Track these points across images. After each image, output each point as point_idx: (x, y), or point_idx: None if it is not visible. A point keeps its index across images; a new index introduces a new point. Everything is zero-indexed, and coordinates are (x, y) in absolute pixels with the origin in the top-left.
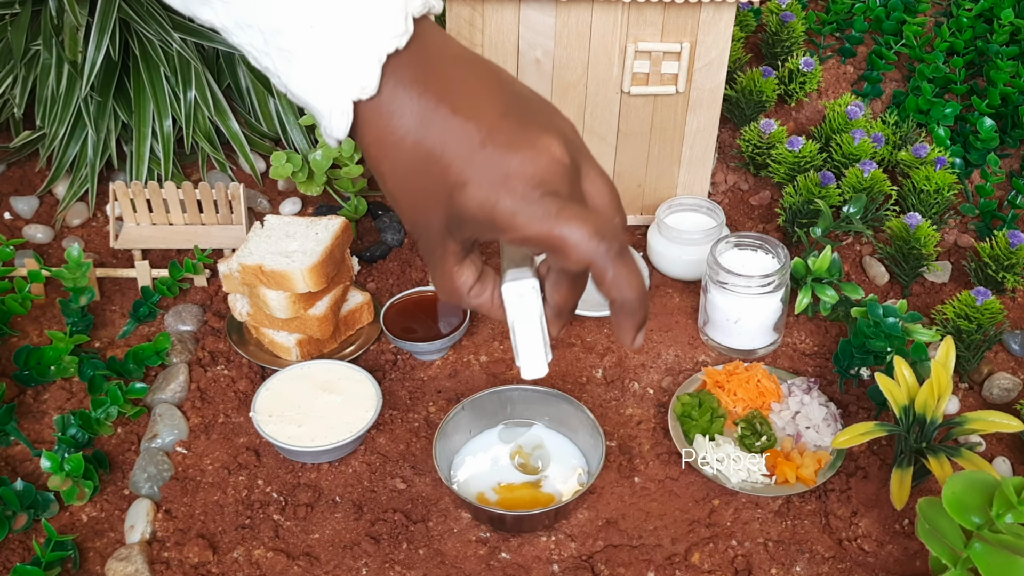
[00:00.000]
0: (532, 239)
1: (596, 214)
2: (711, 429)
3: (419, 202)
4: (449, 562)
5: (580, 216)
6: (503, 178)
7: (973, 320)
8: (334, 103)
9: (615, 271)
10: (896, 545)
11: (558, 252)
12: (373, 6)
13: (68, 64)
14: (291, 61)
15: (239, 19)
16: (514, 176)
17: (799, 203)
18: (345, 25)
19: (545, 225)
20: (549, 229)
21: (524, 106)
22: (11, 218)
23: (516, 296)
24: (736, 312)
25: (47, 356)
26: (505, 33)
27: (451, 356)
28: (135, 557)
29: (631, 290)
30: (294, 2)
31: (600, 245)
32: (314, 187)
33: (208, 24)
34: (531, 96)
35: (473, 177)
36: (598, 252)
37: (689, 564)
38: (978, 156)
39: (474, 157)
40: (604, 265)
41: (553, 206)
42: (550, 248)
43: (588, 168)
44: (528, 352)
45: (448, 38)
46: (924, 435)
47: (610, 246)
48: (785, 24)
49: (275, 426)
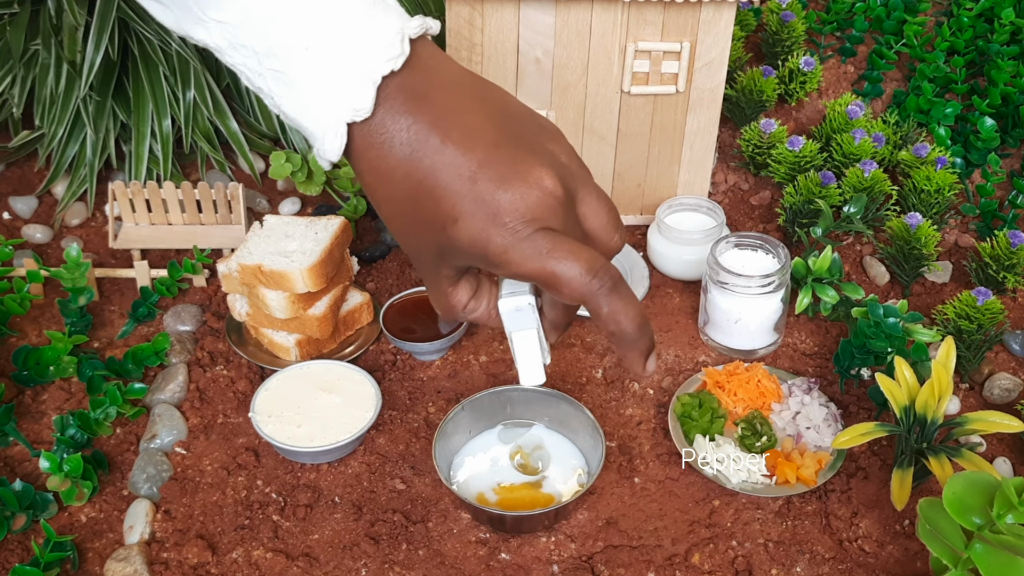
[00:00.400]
0: (525, 276)
1: (588, 250)
2: (711, 429)
3: (412, 229)
4: (449, 563)
5: (573, 253)
6: (494, 214)
7: (974, 320)
8: (328, 125)
9: (609, 307)
10: (897, 546)
11: (551, 289)
12: (369, 28)
13: (67, 64)
14: (285, 82)
15: (233, 40)
16: (505, 212)
17: (799, 203)
18: (340, 47)
19: (537, 263)
20: (541, 266)
21: (518, 133)
22: (10, 218)
23: (513, 311)
24: (736, 312)
25: (46, 356)
26: (505, 33)
27: (451, 356)
28: (134, 558)
29: (628, 322)
30: (289, 24)
31: (593, 282)
32: (313, 187)
33: (202, 44)
34: (526, 118)
35: (464, 212)
36: (591, 289)
37: (689, 565)
38: (979, 156)
39: (465, 192)
40: (598, 302)
41: (545, 243)
42: (544, 284)
43: (584, 192)
44: (526, 363)
45: (445, 60)
46: (925, 435)
47: (603, 282)
48: (785, 23)
49: (274, 426)
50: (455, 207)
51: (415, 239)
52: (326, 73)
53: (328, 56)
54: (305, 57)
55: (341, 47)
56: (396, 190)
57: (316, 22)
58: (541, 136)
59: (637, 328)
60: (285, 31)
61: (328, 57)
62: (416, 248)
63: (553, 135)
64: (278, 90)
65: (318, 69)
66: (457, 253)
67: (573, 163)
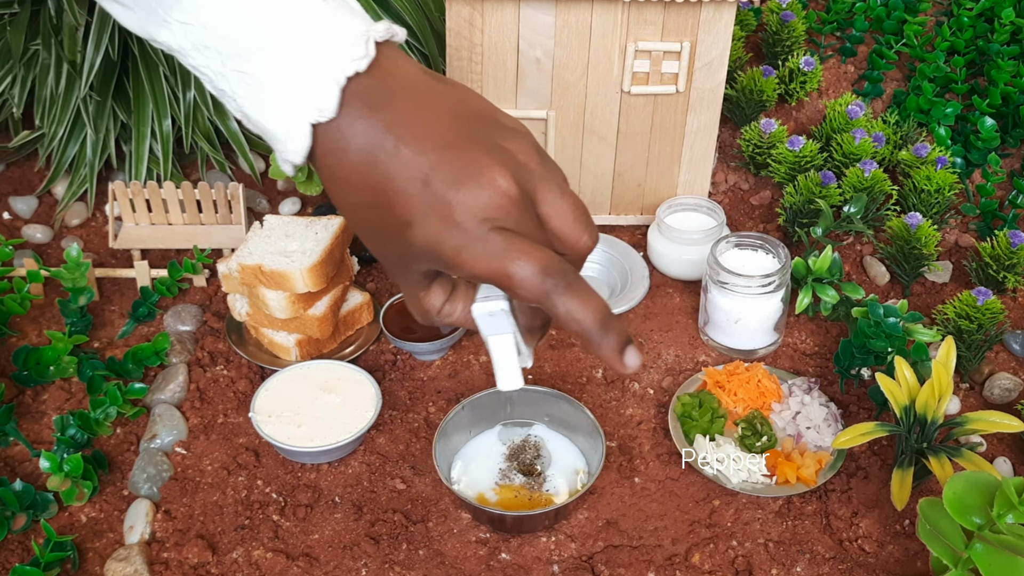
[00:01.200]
0: (480, 276)
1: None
2: (711, 429)
3: (374, 235)
4: (449, 563)
5: (525, 252)
6: (446, 216)
7: (974, 320)
8: (292, 126)
9: (565, 306)
10: (897, 545)
11: (508, 290)
12: (334, 30)
13: (67, 64)
14: (249, 84)
15: (197, 41)
16: (457, 212)
17: (800, 203)
18: (305, 47)
19: (491, 263)
20: (495, 267)
21: (474, 133)
22: (10, 218)
23: (487, 315)
24: (736, 312)
25: (46, 356)
26: (505, 32)
27: (451, 356)
28: (134, 558)
29: (588, 319)
30: (254, 25)
31: (547, 281)
32: (313, 187)
33: (164, 46)
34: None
35: (417, 215)
36: (544, 288)
37: (689, 565)
38: (979, 156)
39: (418, 194)
40: (553, 302)
41: (499, 242)
42: (499, 285)
43: (546, 191)
44: (502, 367)
45: (408, 64)
46: (925, 435)
47: (556, 281)
48: (785, 23)
49: (274, 426)
50: (408, 211)
51: (380, 244)
52: (290, 73)
53: (293, 56)
54: (269, 57)
55: (306, 47)
56: (354, 196)
57: (281, 23)
58: (500, 135)
59: (599, 324)
60: (249, 32)
61: (293, 57)
62: (382, 254)
63: (515, 134)
64: (241, 92)
65: (282, 69)
66: (417, 257)
67: (533, 161)
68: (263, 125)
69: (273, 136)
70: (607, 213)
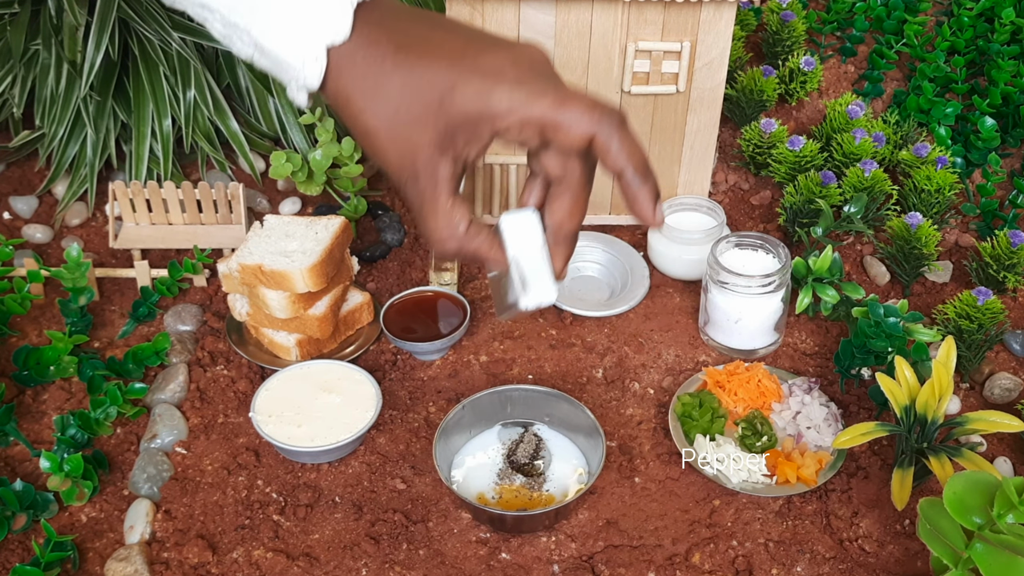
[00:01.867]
0: (532, 120)
1: (586, 95)
2: (711, 429)
3: (405, 131)
4: (449, 562)
5: (576, 93)
6: (493, 69)
7: (974, 320)
8: (308, 51)
9: (620, 140)
10: (897, 545)
11: (560, 129)
12: None
13: (67, 64)
14: (262, 14)
15: None
16: (504, 64)
17: (800, 203)
18: None
19: (544, 102)
20: (549, 105)
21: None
22: (10, 218)
23: (515, 226)
24: (737, 312)
25: (46, 356)
26: (505, 32)
27: (451, 356)
28: (134, 557)
29: (635, 158)
30: None
31: (602, 116)
32: (314, 187)
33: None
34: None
35: (462, 76)
36: (601, 123)
37: (689, 564)
38: (979, 155)
39: (458, 59)
40: (608, 135)
41: (549, 85)
42: (551, 126)
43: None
44: (535, 277)
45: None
46: (925, 435)
47: (611, 117)
48: (786, 23)
49: (275, 426)
50: (450, 76)
51: (409, 142)
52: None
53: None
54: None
55: None
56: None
57: None
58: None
59: (643, 167)
60: None
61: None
62: (412, 155)
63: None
64: (255, 23)
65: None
66: (459, 124)
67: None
68: (277, 54)
69: (288, 65)
70: (607, 213)
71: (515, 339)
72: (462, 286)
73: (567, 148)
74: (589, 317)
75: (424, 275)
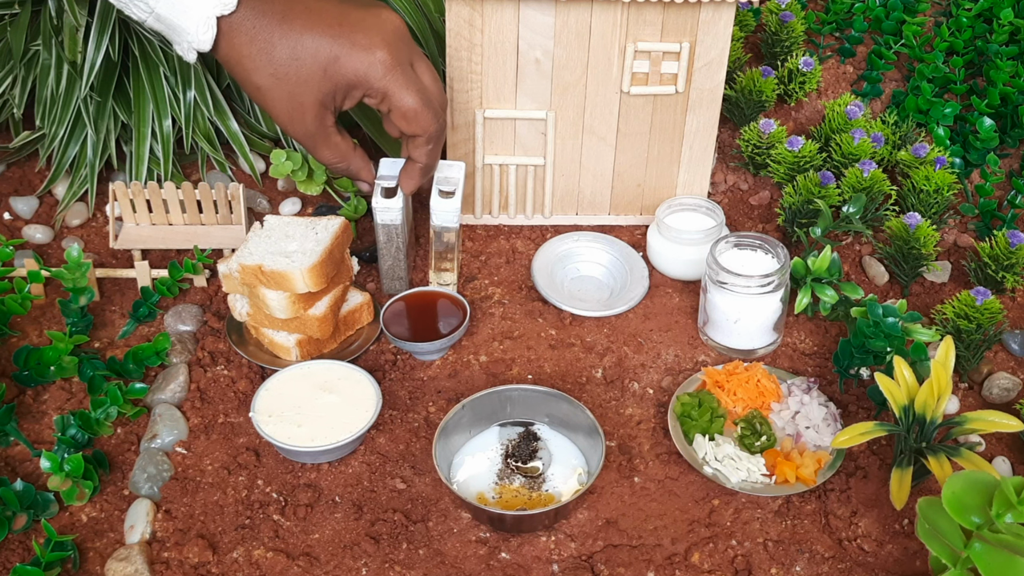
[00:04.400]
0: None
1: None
2: (711, 429)
3: (293, 89)
4: (449, 562)
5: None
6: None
7: (973, 320)
8: (199, 18)
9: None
10: (896, 545)
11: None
12: None
13: (68, 64)
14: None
15: None
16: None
17: (799, 203)
18: None
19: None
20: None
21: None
22: (11, 218)
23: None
24: (736, 312)
25: (47, 356)
26: (505, 33)
27: (451, 356)
28: (135, 557)
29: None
30: None
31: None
32: (314, 187)
33: None
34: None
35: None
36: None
37: (689, 564)
38: (978, 156)
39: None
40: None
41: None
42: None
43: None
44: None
45: None
46: (924, 435)
47: (442, 127)
48: (784, 24)
49: (275, 426)
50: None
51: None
52: None
53: None
54: None
55: None
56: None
57: None
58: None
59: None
60: None
61: None
62: (300, 110)
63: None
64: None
65: None
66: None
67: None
68: (173, 21)
69: (183, 30)
70: (607, 213)
71: (515, 339)
72: (462, 286)
73: (403, 129)
74: (588, 317)
75: (424, 275)
